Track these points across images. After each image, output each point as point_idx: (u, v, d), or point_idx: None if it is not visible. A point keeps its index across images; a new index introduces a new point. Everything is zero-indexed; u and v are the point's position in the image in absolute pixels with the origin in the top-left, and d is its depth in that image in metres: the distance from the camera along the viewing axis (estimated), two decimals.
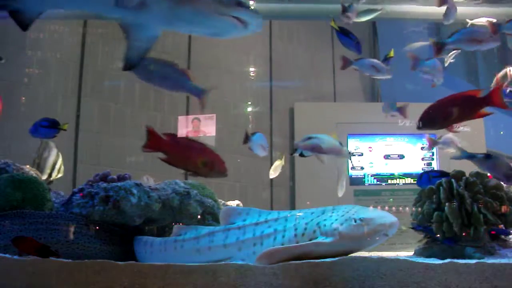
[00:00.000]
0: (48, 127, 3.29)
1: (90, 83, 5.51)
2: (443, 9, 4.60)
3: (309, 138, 2.87)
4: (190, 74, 2.59)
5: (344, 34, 3.51)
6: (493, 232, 2.68)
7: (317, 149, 2.70)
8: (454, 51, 4.20)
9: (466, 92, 2.63)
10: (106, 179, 2.97)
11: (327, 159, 3.16)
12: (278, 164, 4.30)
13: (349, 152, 2.94)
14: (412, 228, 2.86)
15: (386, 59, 3.73)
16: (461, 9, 5.16)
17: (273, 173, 4.38)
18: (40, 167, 3.72)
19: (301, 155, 3.15)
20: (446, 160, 6.37)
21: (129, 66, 2.47)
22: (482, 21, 4.25)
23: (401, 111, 3.74)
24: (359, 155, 6.65)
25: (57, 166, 3.88)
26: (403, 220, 2.86)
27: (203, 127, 5.77)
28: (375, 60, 3.58)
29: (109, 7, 2.31)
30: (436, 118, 2.64)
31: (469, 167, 2.96)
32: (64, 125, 3.30)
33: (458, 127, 4.05)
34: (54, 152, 3.90)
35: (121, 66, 2.46)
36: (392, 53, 3.73)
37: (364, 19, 4.20)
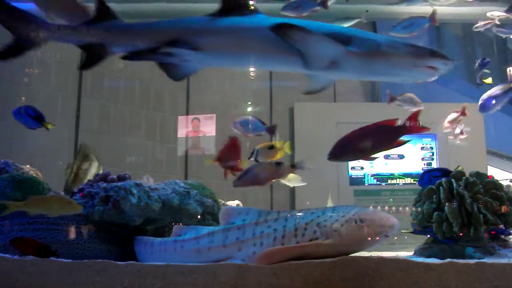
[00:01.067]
0: (33, 118, 3.26)
1: (90, 83, 5.51)
2: (442, 9, 4.61)
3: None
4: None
5: None
6: (493, 232, 2.68)
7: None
8: None
9: (382, 122, 2.63)
10: (106, 179, 2.97)
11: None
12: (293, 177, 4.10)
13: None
14: (412, 232, 2.86)
15: None
16: (461, 9, 5.17)
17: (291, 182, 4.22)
18: (78, 178, 3.70)
19: (256, 160, 3.20)
20: (446, 160, 6.38)
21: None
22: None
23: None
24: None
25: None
26: (403, 220, 2.86)
27: (202, 127, 5.78)
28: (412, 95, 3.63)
29: (297, 67, 2.41)
30: (349, 151, 2.61)
31: (469, 167, 2.96)
32: (47, 124, 3.27)
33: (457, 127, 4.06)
34: (95, 164, 3.88)
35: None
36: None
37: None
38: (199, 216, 3.11)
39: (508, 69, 4.13)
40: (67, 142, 5.29)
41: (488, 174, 2.90)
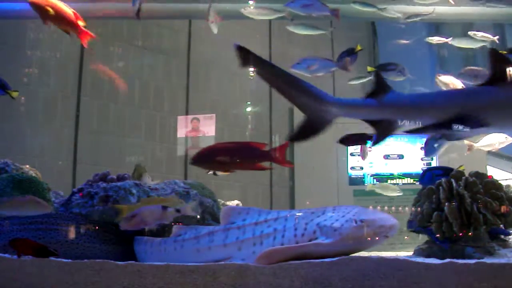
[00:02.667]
0: None
1: (90, 83, 5.51)
2: (442, 9, 4.61)
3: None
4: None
5: None
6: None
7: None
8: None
9: (250, 143, 2.66)
10: (106, 179, 2.97)
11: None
12: None
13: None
14: (413, 231, 2.85)
15: (351, 54, 3.73)
16: (461, 9, 5.17)
17: None
18: None
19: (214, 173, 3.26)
20: (446, 160, 6.37)
21: None
22: None
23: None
24: (359, 155, 6.65)
25: None
26: (403, 221, 2.86)
27: (202, 127, 5.77)
28: None
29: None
30: (209, 161, 2.61)
31: (468, 167, 2.96)
32: (14, 92, 3.25)
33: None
34: (149, 181, 3.89)
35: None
36: (359, 47, 3.74)
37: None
38: (198, 216, 3.11)
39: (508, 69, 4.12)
40: (67, 142, 5.28)
41: (488, 174, 2.90)
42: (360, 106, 2.58)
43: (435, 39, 4.56)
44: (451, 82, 3.82)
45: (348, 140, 2.82)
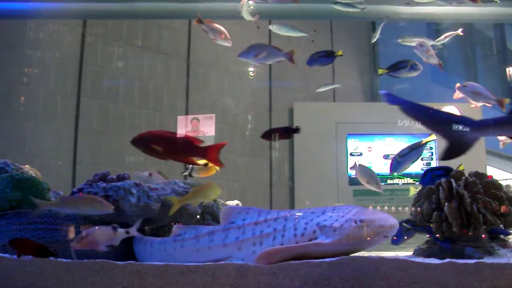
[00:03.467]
0: None
1: (90, 83, 5.51)
2: (442, 9, 4.61)
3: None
4: None
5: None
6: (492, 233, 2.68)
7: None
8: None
9: (187, 136, 2.74)
10: (106, 179, 2.96)
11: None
12: None
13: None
14: (413, 228, 2.85)
15: (329, 56, 3.74)
16: (461, 9, 5.17)
17: None
18: None
19: (190, 175, 3.46)
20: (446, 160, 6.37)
21: None
22: None
23: None
24: (359, 155, 6.65)
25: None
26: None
27: (202, 127, 5.77)
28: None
29: None
30: (145, 144, 2.68)
31: (468, 167, 2.96)
32: None
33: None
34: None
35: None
36: (340, 52, 3.76)
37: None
38: (198, 216, 3.11)
39: (507, 70, 4.13)
40: (67, 142, 5.28)
41: (488, 174, 2.90)
42: (505, 124, 2.67)
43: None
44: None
45: (271, 134, 2.85)
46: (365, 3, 4.61)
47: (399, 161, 3.16)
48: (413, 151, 3.36)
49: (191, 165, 3.42)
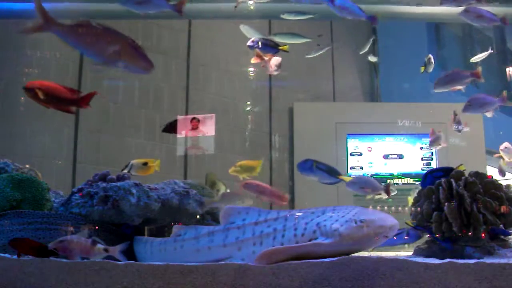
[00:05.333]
0: None
1: (90, 83, 5.51)
2: (442, 9, 4.60)
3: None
4: None
5: None
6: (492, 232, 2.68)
7: None
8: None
9: (65, 87, 2.91)
10: (106, 179, 2.97)
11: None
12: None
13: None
14: (414, 227, 2.85)
15: (272, 47, 3.76)
16: (460, 9, 5.16)
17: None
18: None
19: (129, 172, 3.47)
20: (446, 160, 6.38)
21: None
22: None
23: None
24: (359, 155, 6.65)
25: None
26: (403, 221, 2.86)
27: (202, 127, 5.77)
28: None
29: None
30: (31, 91, 2.85)
31: (468, 167, 2.96)
32: None
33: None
34: (223, 190, 3.91)
35: None
36: (285, 48, 3.78)
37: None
38: (198, 216, 3.11)
39: (507, 69, 4.15)
40: (67, 142, 5.28)
41: (488, 174, 2.90)
42: None
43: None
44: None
45: (170, 127, 2.90)
46: (366, 3, 4.60)
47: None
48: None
49: (131, 163, 3.48)
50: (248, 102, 6.57)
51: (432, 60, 4.38)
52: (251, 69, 6.50)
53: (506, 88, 8.83)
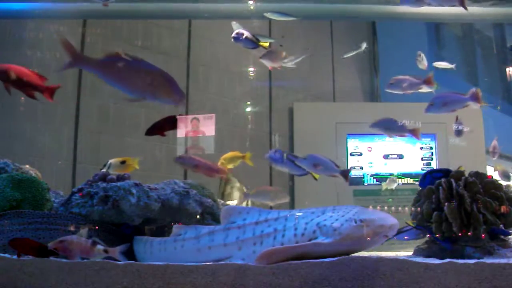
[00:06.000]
0: None
1: (90, 83, 5.51)
2: (441, 9, 4.60)
3: None
4: None
5: None
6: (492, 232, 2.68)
7: None
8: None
9: (30, 70, 3.08)
10: (106, 179, 2.97)
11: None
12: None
13: None
14: (414, 227, 2.85)
15: (253, 42, 3.77)
16: (460, 9, 5.16)
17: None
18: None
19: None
20: (446, 160, 6.38)
21: None
22: None
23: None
24: (359, 155, 6.65)
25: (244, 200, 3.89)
26: (403, 220, 2.86)
27: (202, 127, 5.77)
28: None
29: None
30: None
31: (468, 167, 2.96)
32: None
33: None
34: (237, 186, 3.89)
35: None
36: (266, 44, 3.80)
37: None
38: (198, 216, 3.11)
39: (507, 69, 4.14)
40: (67, 142, 5.28)
41: (488, 174, 2.90)
42: None
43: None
44: None
45: (153, 129, 2.89)
46: (366, 3, 4.61)
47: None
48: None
49: (109, 162, 3.52)
50: (248, 102, 6.57)
51: (423, 57, 4.36)
52: (251, 69, 6.50)
53: (506, 88, 8.84)
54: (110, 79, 2.41)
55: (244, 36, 3.71)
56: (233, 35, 3.84)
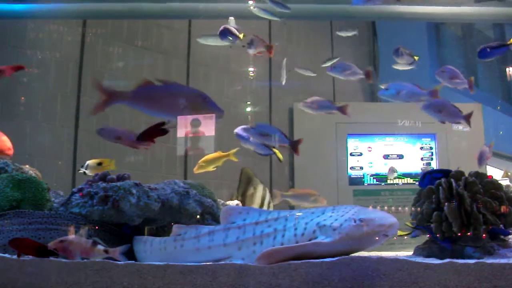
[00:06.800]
0: None
1: (90, 83, 5.51)
2: (442, 9, 4.60)
3: None
4: None
5: None
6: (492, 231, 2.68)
7: None
8: None
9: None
10: (105, 179, 2.97)
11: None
12: None
13: None
14: (415, 228, 2.85)
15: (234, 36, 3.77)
16: (460, 9, 5.17)
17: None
18: (245, 205, 3.69)
19: (85, 173, 3.52)
20: (446, 160, 6.38)
21: None
22: None
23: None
24: (359, 155, 6.65)
25: (266, 201, 3.85)
26: (403, 220, 2.86)
27: (202, 127, 5.76)
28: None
29: None
30: None
31: (468, 167, 2.96)
32: None
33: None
34: (260, 187, 3.86)
35: None
36: (242, 36, 3.82)
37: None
38: (198, 216, 3.11)
39: (507, 69, 4.14)
40: (67, 142, 5.28)
41: (488, 174, 2.90)
42: None
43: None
44: None
45: (144, 136, 2.84)
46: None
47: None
48: None
49: (87, 163, 3.54)
50: (248, 102, 6.56)
51: (406, 52, 4.33)
52: (251, 69, 6.50)
53: (506, 88, 8.84)
54: (145, 108, 2.38)
55: (224, 29, 3.67)
56: (220, 29, 3.80)
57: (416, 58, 3.88)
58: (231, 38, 3.69)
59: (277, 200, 3.85)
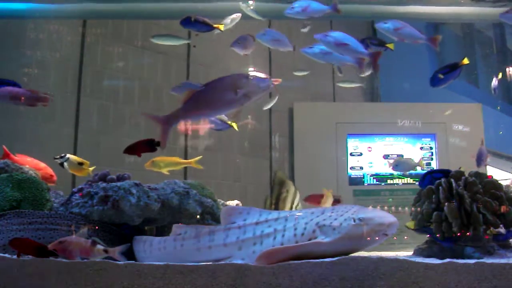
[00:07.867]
0: None
1: (90, 83, 5.51)
2: (441, 9, 4.60)
3: None
4: None
5: None
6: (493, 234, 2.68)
7: None
8: None
9: None
10: (106, 179, 2.97)
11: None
12: None
13: None
14: (416, 229, 2.85)
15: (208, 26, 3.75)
16: (460, 9, 5.17)
17: None
18: (278, 208, 3.67)
19: (61, 165, 3.47)
20: (446, 160, 6.38)
21: None
22: None
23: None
24: (359, 155, 6.65)
25: (295, 204, 3.83)
26: (403, 220, 2.86)
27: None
28: None
29: None
30: None
31: (468, 167, 2.96)
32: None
33: None
34: (292, 190, 3.85)
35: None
36: (221, 27, 3.80)
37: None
38: (198, 216, 3.11)
39: (507, 69, 4.13)
40: (67, 142, 5.28)
41: (488, 174, 2.90)
42: None
43: None
44: None
45: (133, 148, 2.83)
46: (365, 3, 4.61)
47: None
48: None
49: (66, 156, 3.51)
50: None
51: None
52: (251, 69, 6.49)
53: (507, 88, 8.83)
54: (204, 114, 2.35)
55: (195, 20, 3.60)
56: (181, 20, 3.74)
57: (390, 45, 3.81)
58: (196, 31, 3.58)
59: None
